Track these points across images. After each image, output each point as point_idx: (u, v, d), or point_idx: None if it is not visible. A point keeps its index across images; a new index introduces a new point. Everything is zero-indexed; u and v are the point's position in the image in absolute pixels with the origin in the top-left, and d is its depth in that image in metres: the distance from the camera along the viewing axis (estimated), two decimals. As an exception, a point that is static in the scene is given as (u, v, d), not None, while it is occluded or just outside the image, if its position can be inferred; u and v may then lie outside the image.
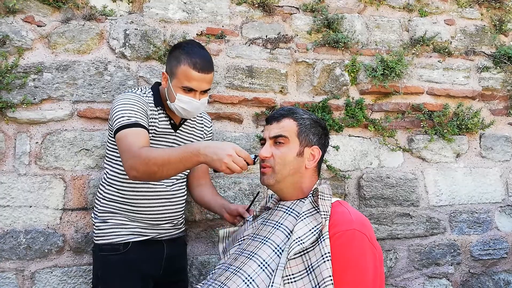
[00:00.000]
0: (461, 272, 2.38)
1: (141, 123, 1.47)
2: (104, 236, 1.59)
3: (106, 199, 1.62)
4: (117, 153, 1.58)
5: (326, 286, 1.05)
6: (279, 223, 1.26)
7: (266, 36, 2.25)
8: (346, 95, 2.32)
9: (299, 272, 1.12)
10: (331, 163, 2.24)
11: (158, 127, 1.61)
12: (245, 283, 1.14)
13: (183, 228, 1.81)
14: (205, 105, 1.61)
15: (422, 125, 2.40)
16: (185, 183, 1.77)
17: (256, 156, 1.31)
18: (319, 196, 1.21)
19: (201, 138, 1.78)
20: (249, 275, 1.16)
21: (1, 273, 1.78)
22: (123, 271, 1.55)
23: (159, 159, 1.29)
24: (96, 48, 2.01)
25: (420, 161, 2.40)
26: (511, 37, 2.66)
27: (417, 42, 2.46)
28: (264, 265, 1.16)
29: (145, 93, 1.60)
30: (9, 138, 1.87)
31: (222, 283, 1.19)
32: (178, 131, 1.67)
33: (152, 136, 1.59)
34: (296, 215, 1.23)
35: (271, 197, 1.43)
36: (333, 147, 2.25)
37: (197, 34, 2.15)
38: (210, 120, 1.86)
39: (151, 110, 1.57)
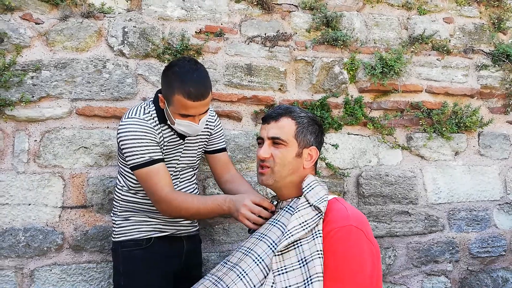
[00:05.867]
0: (459, 270, 2.39)
1: (155, 157, 1.50)
2: (126, 232, 1.62)
3: (124, 201, 1.65)
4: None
5: (317, 280, 1.07)
6: (276, 219, 1.28)
7: (265, 34, 2.25)
8: (345, 93, 2.32)
9: (292, 264, 1.13)
10: (330, 161, 2.24)
11: (168, 142, 1.61)
12: (239, 277, 1.16)
13: (198, 227, 1.83)
14: (206, 121, 1.60)
15: (421, 123, 2.40)
16: (196, 180, 1.80)
17: (272, 201, 1.38)
18: (303, 192, 1.24)
19: (208, 135, 1.77)
20: (243, 270, 1.18)
21: (0, 271, 1.78)
22: (146, 264, 1.58)
23: (190, 210, 1.47)
24: (95, 45, 2.01)
25: (419, 159, 2.41)
26: (509, 35, 2.67)
27: (416, 40, 2.46)
28: (258, 260, 1.17)
29: (149, 112, 1.56)
30: (8, 136, 1.86)
31: (219, 278, 1.22)
32: (186, 139, 1.67)
33: (164, 150, 1.60)
34: (292, 211, 1.24)
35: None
36: (332, 145, 2.25)
37: (195, 32, 2.14)
38: (214, 114, 1.82)
39: (159, 131, 1.56)
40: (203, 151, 1.80)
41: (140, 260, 1.59)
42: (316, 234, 1.13)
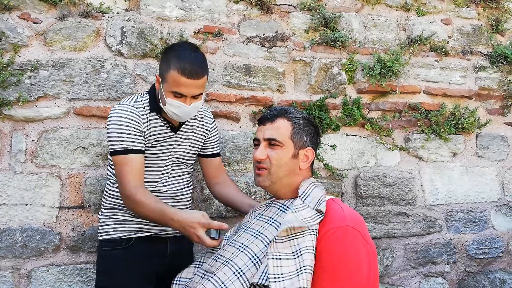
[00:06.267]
0: (457, 271, 2.39)
1: (133, 147, 1.50)
2: (108, 231, 1.61)
3: (111, 196, 1.63)
4: None
5: (310, 271, 1.08)
6: (272, 219, 1.28)
7: (264, 35, 2.25)
8: (343, 94, 2.32)
9: (286, 253, 1.13)
10: (328, 162, 2.24)
11: (156, 134, 1.59)
12: (236, 275, 1.15)
13: None
14: (199, 108, 1.59)
15: (419, 124, 2.40)
16: (189, 181, 1.77)
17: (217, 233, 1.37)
18: (300, 197, 1.25)
19: (204, 136, 1.75)
20: (239, 268, 1.17)
21: (-3, 272, 1.78)
22: (124, 265, 1.55)
23: (147, 214, 1.46)
24: (93, 45, 2.00)
25: (417, 160, 2.41)
26: (507, 37, 2.67)
27: (414, 41, 2.46)
28: (255, 259, 1.17)
29: (141, 101, 1.57)
30: (5, 136, 1.86)
31: (212, 273, 1.20)
32: (178, 132, 1.65)
33: (153, 141, 1.59)
34: (288, 211, 1.25)
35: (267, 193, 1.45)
36: (330, 146, 2.25)
37: (194, 32, 2.14)
38: (211, 117, 1.82)
39: (146, 120, 1.55)
40: (198, 153, 1.79)
41: (120, 260, 1.56)
42: (311, 231, 1.14)
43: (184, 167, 1.73)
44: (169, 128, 1.62)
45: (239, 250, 1.23)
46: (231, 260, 1.20)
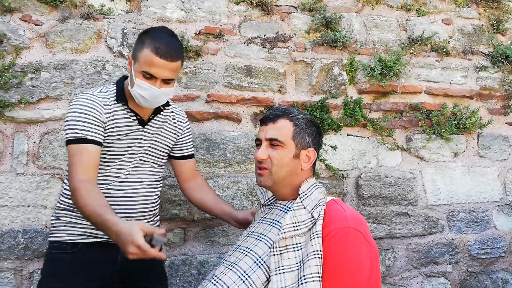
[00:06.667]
0: (459, 271, 2.38)
1: (89, 137, 1.40)
2: (55, 233, 1.50)
3: (64, 195, 1.51)
4: None
5: (312, 280, 1.07)
6: (275, 220, 1.28)
7: (265, 35, 2.25)
8: (344, 94, 2.32)
9: (290, 265, 1.12)
10: (329, 162, 2.24)
11: (121, 126, 1.49)
12: (241, 279, 1.15)
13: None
14: (169, 96, 1.48)
15: (420, 125, 2.40)
16: (156, 181, 1.64)
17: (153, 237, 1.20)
18: (299, 196, 1.24)
19: (175, 135, 1.68)
20: (245, 271, 1.17)
21: (0, 273, 1.78)
22: (71, 269, 1.44)
23: (88, 215, 1.30)
24: (94, 47, 2.01)
25: (418, 160, 2.41)
26: (508, 37, 2.67)
27: (415, 41, 2.46)
28: (259, 261, 1.17)
29: (106, 91, 1.49)
30: (7, 138, 1.86)
31: (217, 277, 1.20)
32: (147, 126, 1.55)
33: (117, 134, 1.48)
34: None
35: (266, 193, 1.44)
36: (331, 147, 2.25)
37: (195, 33, 2.15)
38: (185, 117, 1.74)
39: (108, 111, 1.46)
40: (168, 154, 1.69)
41: (67, 264, 1.45)
42: (313, 235, 1.13)
43: (150, 166, 1.60)
44: (136, 121, 1.52)
45: (244, 254, 1.23)
46: (236, 264, 1.21)
